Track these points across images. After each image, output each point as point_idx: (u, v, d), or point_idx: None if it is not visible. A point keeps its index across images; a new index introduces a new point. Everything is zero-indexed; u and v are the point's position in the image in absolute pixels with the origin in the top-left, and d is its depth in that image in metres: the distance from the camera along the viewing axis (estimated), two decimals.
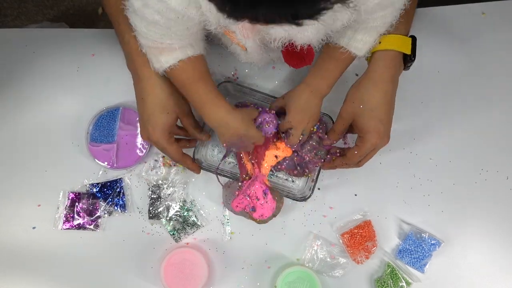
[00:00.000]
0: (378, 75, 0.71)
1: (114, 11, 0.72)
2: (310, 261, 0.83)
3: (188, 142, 0.82)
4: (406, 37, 0.72)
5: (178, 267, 0.81)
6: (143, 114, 0.72)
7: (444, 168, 0.86)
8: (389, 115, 0.72)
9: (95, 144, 0.85)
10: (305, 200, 0.80)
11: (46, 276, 0.84)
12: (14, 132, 0.88)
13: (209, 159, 0.86)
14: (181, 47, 0.66)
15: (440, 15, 0.90)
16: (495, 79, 0.88)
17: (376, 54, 0.72)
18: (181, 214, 0.85)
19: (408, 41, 0.72)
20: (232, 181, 0.82)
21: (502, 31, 0.89)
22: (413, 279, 0.83)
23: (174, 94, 0.72)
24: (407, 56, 0.72)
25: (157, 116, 0.71)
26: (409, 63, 0.74)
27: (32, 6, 1.63)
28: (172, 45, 0.65)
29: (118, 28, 0.73)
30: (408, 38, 0.72)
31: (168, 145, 0.73)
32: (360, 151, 0.73)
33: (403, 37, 0.71)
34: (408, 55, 0.72)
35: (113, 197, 0.85)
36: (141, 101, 0.72)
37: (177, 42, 0.64)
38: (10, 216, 0.86)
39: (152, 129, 0.71)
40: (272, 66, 0.88)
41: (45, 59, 0.89)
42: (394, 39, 0.71)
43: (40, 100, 0.88)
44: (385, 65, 0.71)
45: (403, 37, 0.71)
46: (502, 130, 0.87)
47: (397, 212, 0.85)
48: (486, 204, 0.85)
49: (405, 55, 0.72)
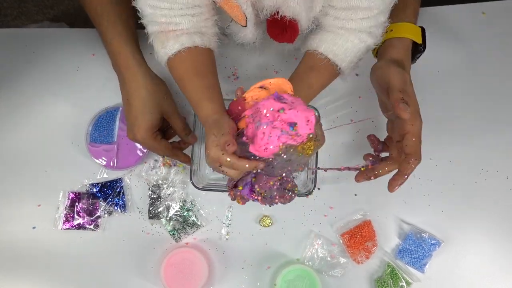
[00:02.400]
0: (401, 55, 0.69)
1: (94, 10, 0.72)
2: (310, 260, 0.83)
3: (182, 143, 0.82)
4: (417, 26, 0.71)
5: (178, 267, 0.81)
6: (129, 116, 0.72)
7: (444, 168, 0.86)
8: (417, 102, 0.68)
9: (95, 144, 0.85)
10: (311, 193, 0.79)
11: (46, 276, 0.84)
12: (14, 132, 0.88)
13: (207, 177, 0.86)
14: (189, 33, 0.65)
15: (440, 15, 0.90)
16: (495, 79, 0.88)
17: (390, 41, 0.70)
18: (181, 214, 0.85)
19: (418, 30, 0.71)
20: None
21: (502, 31, 0.89)
22: (413, 279, 0.83)
23: (158, 94, 0.72)
24: (417, 46, 0.71)
25: (141, 118, 0.71)
26: (418, 54, 0.72)
27: (32, 6, 1.63)
28: (179, 28, 0.64)
29: (100, 28, 0.73)
30: (418, 28, 0.71)
31: (155, 143, 0.73)
32: (414, 133, 0.64)
33: (415, 26, 0.71)
34: (419, 45, 0.71)
35: (113, 197, 0.85)
36: (127, 103, 0.72)
37: (186, 23, 0.64)
38: (10, 216, 0.86)
39: (137, 130, 0.72)
40: (274, 71, 0.89)
41: (45, 59, 0.90)
42: (407, 27, 0.70)
43: (40, 100, 0.88)
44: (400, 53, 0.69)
45: (415, 26, 0.71)
46: (502, 130, 0.87)
47: (397, 212, 0.85)
48: (486, 204, 0.85)
49: (414, 47, 0.71)
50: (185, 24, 0.64)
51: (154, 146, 0.74)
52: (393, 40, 0.70)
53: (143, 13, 0.65)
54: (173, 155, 0.77)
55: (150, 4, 0.63)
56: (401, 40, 0.70)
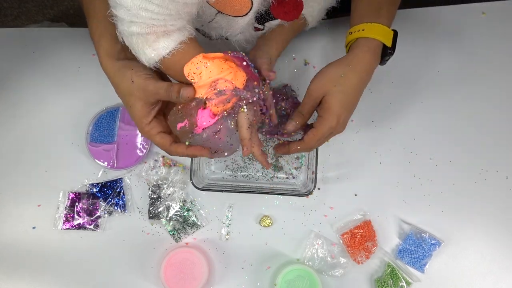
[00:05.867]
0: (358, 61, 0.69)
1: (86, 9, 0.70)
2: (310, 260, 0.83)
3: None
4: (389, 29, 0.71)
5: (178, 267, 0.81)
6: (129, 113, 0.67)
7: (444, 168, 0.86)
8: (355, 104, 0.70)
9: (95, 144, 0.85)
10: (311, 193, 0.80)
11: (46, 276, 0.84)
12: (14, 132, 0.88)
13: (207, 176, 0.86)
14: (179, 28, 0.62)
15: (440, 15, 0.90)
16: (495, 79, 0.88)
17: (358, 40, 0.70)
18: (181, 214, 0.85)
19: (390, 33, 0.71)
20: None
21: (502, 31, 0.89)
22: (413, 279, 0.83)
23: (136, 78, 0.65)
24: (386, 49, 0.71)
25: (133, 108, 0.65)
26: (387, 56, 0.72)
27: (32, 6, 1.63)
28: (168, 27, 0.60)
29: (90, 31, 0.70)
30: (390, 31, 0.71)
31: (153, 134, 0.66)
32: (318, 133, 0.68)
33: (387, 29, 0.71)
34: (388, 48, 0.71)
35: (113, 197, 0.85)
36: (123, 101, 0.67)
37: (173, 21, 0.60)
38: (10, 216, 0.86)
39: (137, 123, 0.66)
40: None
41: (45, 59, 0.90)
42: (378, 29, 0.70)
43: (40, 100, 0.88)
44: (367, 53, 0.70)
45: (387, 29, 0.71)
46: (502, 130, 0.87)
47: (397, 212, 0.85)
48: (486, 204, 0.85)
49: (384, 49, 0.71)
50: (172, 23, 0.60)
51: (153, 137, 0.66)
52: (361, 40, 0.70)
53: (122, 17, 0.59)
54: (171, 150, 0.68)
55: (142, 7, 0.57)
56: (368, 41, 0.70)
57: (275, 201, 0.86)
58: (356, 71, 0.69)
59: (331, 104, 0.67)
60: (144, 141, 0.86)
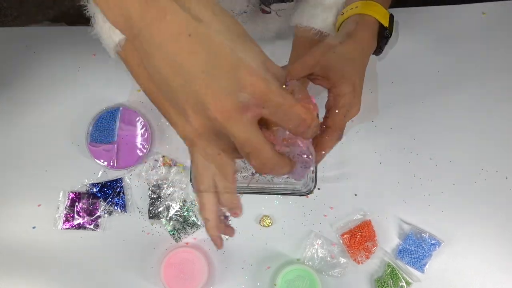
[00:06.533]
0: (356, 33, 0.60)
1: None
2: (310, 260, 0.83)
3: None
4: (386, 10, 0.64)
5: (178, 267, 0.81)
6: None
7: (444, 168, 0.86)
8: (363, 71, 0.60)
9: (95, 144, 0.85)
10: (311, 192, 0.79)
11: (46, 276, 0.84)
12: (14, 132, 0.88)
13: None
14: None
15: (440, 15, 0.90)
16: (495, 79, 0.88)
17: (352, 18, 0.63)
18: (181, 214, 0.85)
19: (386, 14, 0.64)
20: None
21: (502, 31, 0.89)
22: (413, 279, 0.83)
23: None
24: (383, 32, 0.64)
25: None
26: (384, 40, 0.64)
27: (32, 6, 1.63)
28: None
29: None
30: (387, 12, 0.65)
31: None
32: (338, 105, 0.57)
33: (383, 8, 0.64)
34: (385, 29, 0.63)
35: (113, 197, 0.85)
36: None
37: None
38: (10, 216, 0.86)
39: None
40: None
41: (45, 59, 0.90)
42: (374, 7, 0.63)
43: (40, 100, 0.88)
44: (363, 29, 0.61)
45: (383, 8, 0.64)
46: (502, 130, 0.87)
47: (397, 212, 0.85)
48: (486, 204, 0.85)
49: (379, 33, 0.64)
50: None
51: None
52: (355, 17, 0.63)
53: None
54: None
55: None
56: (364, 17, 0.62)
57: (275, 201, 0.86)
58: (357, 40, 0.60)
59: (339, 70, 0.56)
60: (144, 141, 0.86)
